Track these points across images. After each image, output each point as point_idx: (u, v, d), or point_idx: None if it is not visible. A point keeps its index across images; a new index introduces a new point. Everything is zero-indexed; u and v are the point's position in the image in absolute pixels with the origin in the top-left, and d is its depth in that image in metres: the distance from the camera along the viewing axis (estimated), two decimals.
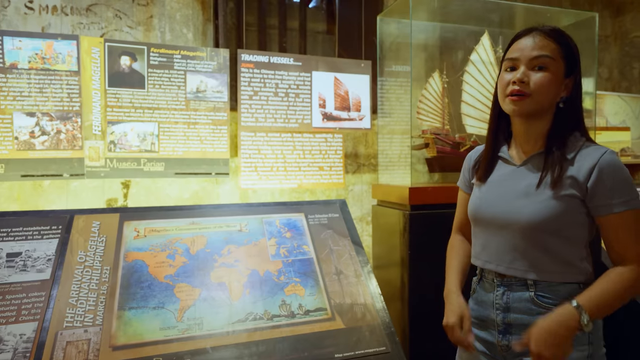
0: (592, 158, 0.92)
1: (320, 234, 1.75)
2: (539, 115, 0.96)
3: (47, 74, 1.92)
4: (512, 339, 0.97)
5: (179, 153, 2.12)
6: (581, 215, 0.94)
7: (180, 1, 2.48)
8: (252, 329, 1.38)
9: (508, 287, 0.98)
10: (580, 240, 0.96)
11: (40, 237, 1.46)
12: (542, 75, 0.93)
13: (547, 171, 0.94)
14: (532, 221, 0.93)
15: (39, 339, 1.22)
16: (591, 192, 0.92)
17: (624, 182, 0.91)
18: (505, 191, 1.00)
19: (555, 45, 0.94)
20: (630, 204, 0.91)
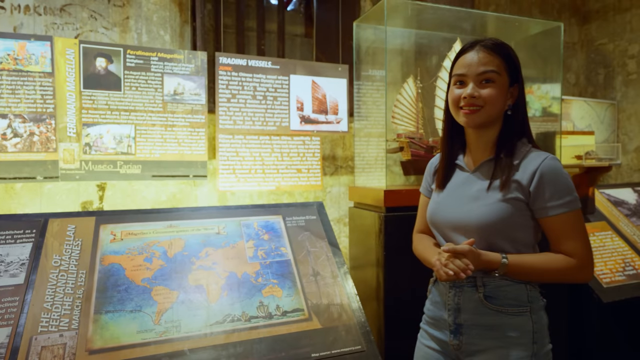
0: (535, 163, 0.98)
1: (298, 235, 1.78)
2: (489, 124, 1.03)
3: (19, 75, 1.88)
4: (463, 339, 1.01)
5: (156, 155, 2.12)
6: (526, 218, 1.00)
7: (157, 3, 2.47)
8: (230, 331, 1.40)
9: (459, 289, 1.03)
10: (526, 242, 1.02)
11: (14, 241, 1.44)
12: (490, 89, 0.99)
13: (495, 176, 1.01)
14: (480, 222, 0.99)
15: (12, 344, 1.21)
16: (533, 195, 0.98)
17: (562, 186, 0.97)
18: (458, 196, 1.06)
19: (499, 59, 1.01)
20: (568, 206, 0.97)
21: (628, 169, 3.44)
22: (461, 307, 1.02)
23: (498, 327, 0.98)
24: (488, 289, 1.00)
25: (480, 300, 0.99)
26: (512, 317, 0.98)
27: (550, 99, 2.44)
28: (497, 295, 0.99)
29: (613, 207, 2.54)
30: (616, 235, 2.32)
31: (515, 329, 0.97)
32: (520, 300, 0.99)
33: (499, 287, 0.99)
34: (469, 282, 1.02)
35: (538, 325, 0.99)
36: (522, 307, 0.99)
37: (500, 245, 1.00)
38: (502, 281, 1.00)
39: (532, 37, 2.31)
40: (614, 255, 2.20)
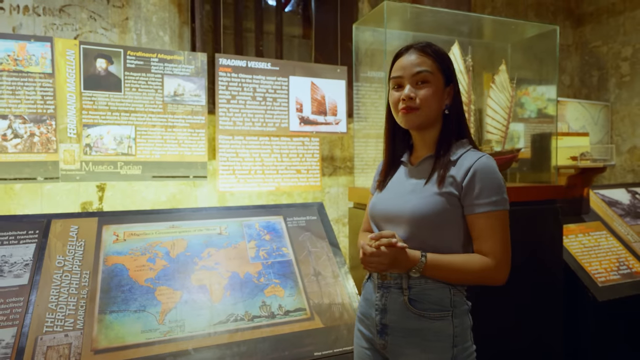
0: (470, 161, 1.01)
1: (299, 236, 1.80)
2: (429, 124, 1.05)
3: (19, 76, 1.88)
4: (388, 339, 1.02)
5: (157, 156, 2.12)
6: (458, 214, 1.01)
7: (156, 3, 2.47)
8: (234, 330, 1.42)
9: (387, 290, 1.03)
10: (456, 238, 1.02)
11: (17, 242, 1.44)
12: (425, 90, 1.02)
13: (433, 171, 1.03)
14: (413, 214, 1.00)
15: (18, 345, 1.21)
16: (464, 191, 0.99)
17: (492, 184, 0.98)
18: (397, 189, 1.09)
19: (432, 60, 1.03)
20: (494, 205, 0.98)
21: (621, 170, 3.49)
22: (387, 308, 1.03)
23: (419, 332, 0.99)
24: (413, 292, 1.00)
25: (404, 304, 1.00)
26: (434, 321, 0.99)
27: (545, 100, 2.48)
28: (420, 299, 1.00)
29: (607, 208, 2.59)
30: (610, 235, 2.36)
31: (436, 333, 0.99)
32: (442, 304, 1.00)
33: (423, 290, 1.00)
34: (395, 283, 1.02)
35: (459, 329, 1.00)
36: (444, 312, 0.99)
37: (430, 240, 1.01)
38: (427, 285, 1.00)
39: (528, 39, 2.34)
40: (609, 254, 2.24)
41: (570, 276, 2.07)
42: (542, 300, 1.86)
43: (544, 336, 1.87)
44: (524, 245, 1.83)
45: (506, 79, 2.14)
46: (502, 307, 1.73)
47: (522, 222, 1.83)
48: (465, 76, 2.07)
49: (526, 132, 2.54)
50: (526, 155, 2.38)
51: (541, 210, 1.93)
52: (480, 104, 2.33)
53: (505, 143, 2.19)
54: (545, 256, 1.89)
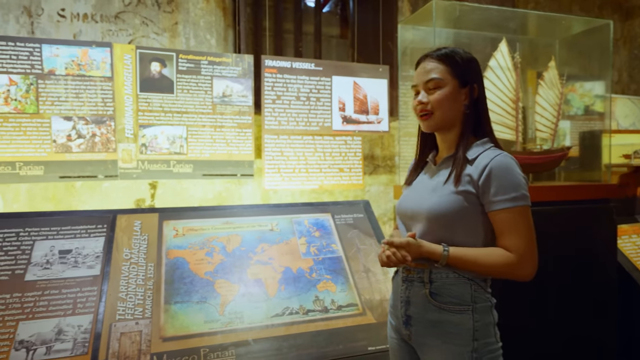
0: (487, 159, 1.03)
1: (347, 233, 1.83)
2: (448, 125, 1.10)
3: (82, 80, 2.00)
4: (412, 330, 1.07)
5: (206, 155, 2.20)
6: (477, 212, 1.04)
7: (203, 8, 2.56)
8: (289, 323, 1.47)
9: (410, 283, 1.08)
10: (477, 236, 1.05)
11: (88, 235, 1.54)
12: (437, 94, 1.07)
13: (452, 171, 1.06)
14: (431, 212, 1.04)
15: (95, 330, 1.30)
16: (482, 189, 1.02)
17: (510, 181, 1.00)
18: (420, 188, 1.14)
19: (443, 65, 1.08)
20: (513, 201, 0.99)
21: None
22: (410, 300, 1.08)
23: (440, 324, 1.03)
24: (434, 286, 1.04)
25: (425, 296, 1.04)
26: (454, 314, 1.02)
27: (593, 97, 2.41)
28: (441, 292, 1.03)
29: None
30: None
31: (456, 325, 1.01)
32: (463, 299, 1.02)
33: (444, 285, 1.04)
34: (418, 277, 1.07)
35: (480, 324, 1.02)
36: (464, 306, 1.02)
37: (450, 237, 1.04)
38: (448, 279, 1.04)
39: (577, 35, 2.29)
40: None
41: (625, 277, 2.01)
42: (596, 300, 1.82)
43: (598, 336, 1.83)
44: (577, 245, 1.80)
45: (555, 75, 2.10)
46: (555, 306, 1.71)
47: (575, 221, 1.80)
48: (513, 73, 2.05)
49: (572, 129, 2.48)
50: (573, 153, 2.33)
51: (594, 209, 1.89)
52: (526, 101, 2.29)
53: (554, 141, 2.16)
54: (599, 256, 1.85)
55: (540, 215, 1.80)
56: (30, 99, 1.92)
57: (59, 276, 1.41)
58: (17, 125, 1.90)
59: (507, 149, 2.08)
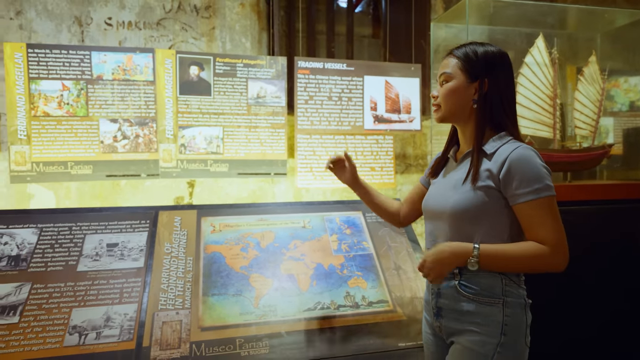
0: (506, 152, 1.02)
1: (378, 231, 1.85)
2: (460, 118, 1.12)
3: (127, 84, 2.12)
4: (443, 321, 1.09)
5: (241, 155, 2.28)
6: (500, 205, 1.03)
7: (239, 13, 2.65)
8: (321, 317, 1.51)
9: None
10: (503, 230, 1.04)
11: (132, 230, 1.65)
12: (444, 87, 1.11)
13: (471, 167, 1.07)
14: (454, 210, 1.05)
15: (139, 319, 1.39)
16: (503, 183, 1.01)
17: (531, 173, 0.98)
18: (442, 185, 1.15)
19: (454, 59, 1.10)
20: (537, 193, 0.98)
21: None
22: (441, 292, 1.09)
23: (470, 314, 1.03)
24: (464, 278, 1.05)
25: (455, 287, 1.05)
26: (483, 306, 1.02)
27: (638, 92, 2.31)
28: (471, 283, 1.04)
29: None
30: None
31: (485, 317, 1.01)
32: (493, 291, 1.02)
33: (474, 276, 1.04)
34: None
35: (510, 319, 1.01)
36: (494, 299, 1.02)
37: (476, 233, 1.04)
38: (478, 271, 1.03)
39: (620, 28, 2.20)
40: None
41: None
42: (635, 301, 1.75)
43: (634, 340, 1.76)
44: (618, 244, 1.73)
45: (596, 70, 2.03)
46: (592, 307, 1.66)
47: (616, 221, 1.74)
48: (551, 69, 2.00)
49: (616, 126, 2.38)
50: (616, 151, 2.24)
51: (637, 209, 1.81)
52: (565, 98, 2.23)
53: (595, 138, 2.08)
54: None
55: (579, 215, 1.75)
56: (80, 103, 2.06)
57: (107, 267, 1.52)
58: (69, 127, 2.04)
59: (544, 147, 2.04)
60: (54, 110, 2.03)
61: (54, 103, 2.03)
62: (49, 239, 1.61)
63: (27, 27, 2.31)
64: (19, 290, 1.44)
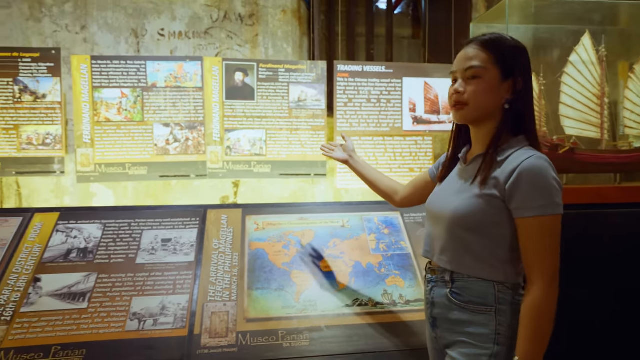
0: (517, 161, 0.94)
1: (416, 231, 1.88)
2: (484, 119, 1.01)
3: (178, 91, 2.27)
4: (438, 332, 1.05)
5: (283, 156, 2.38)
6: (502, 216, 0.96)
7: (281, 19, 2.75)
8: (359, 314, 1.56)
9: (435, 284, 1.06)
10: (502, 241, 0.97)
11: (184, 226, 1.78)
12: (474, 85, 0.98)
13: (479, 172, 0.99)
14: (454, 215, 0.99)
15: (191, 309, 1.52)
16: (509, 194, 0.94)
17: (540, 187, 0.91)
18: (447, 188, 1.08)
19: (486, 53, 0.98)
20: (543, 210, 0.91)
21: None
22: (435, 302, 1.05)
23: (462, 323, 0.99)
24: (455, 286, 1.01)
25: (447, 296, 1.02)
26: (476, 314, 0.97)
27: None
28: (463, 292, 1.00)
29: None
30: None
31: (477, 326, 0.97)
32: (485, 299, 0.97)
33: (466, 284, 1.00)
34: (441, 277, 1.04)
35: (504, 328, 0.96)
36: (487, 307, 0.97)
37: (473, 243, 0.98)
38: (470, 280, 0.99)
39: None
40: None
41: None
42: None
43: None
44: None
45: None
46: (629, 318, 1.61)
47: None
48: (598, 67, 1.94)
49: None
50: None
51: None
52: (616, 96, 2.14)
53: None
54: None
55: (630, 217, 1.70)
56: (137, 109, 2.23)
57: (162, 261, 1.66)
58: (127, 131, 2.22)
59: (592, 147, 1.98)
60: (114, 116, 2.21)
61: (114, 109, 2.22)
62: (112, 233, 1.77)
63: (91, 40, 2.53)
64: (87, 279, 1.60)
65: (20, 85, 2.17)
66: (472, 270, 0.99)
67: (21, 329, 1.44)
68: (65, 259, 1.67)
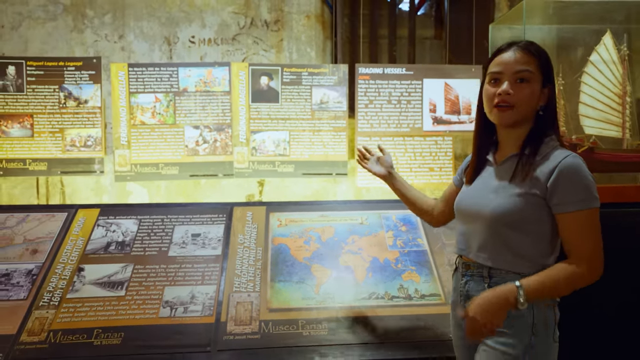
0: (555, 160, 1.01)
1: (433, 229, 1.94)
2: (520, 123, 1.06)
3: (207, 95, 2.41)
4: None
5: (306, 156, 2.47)
6: (542, 213, 1.02)
7: (305, 24, 2.85)
8: (375, 306, 1.64)
9: (470, 278, 1.10)
10: (542, 237, 1.03)
11: (212, 222, 1.91)
12: (524, 89, 1.03)
13: (517, 171, 1.05)
14: (494, 213, 1.04)
15: (217, 298, 1.64)
16: (550, 191, 1.00)
17: (580, 183, 0.98)
18: (482, 187, 1.12)
19: (534, 59, 1.04)
20: (584, 204, 0.98)
21: None
22: (470, 295, 1.09)
23: None
24: (493, 281, 1.06)
25: (485, 291, 1.04)
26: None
27: None
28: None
29: None
30: None
31: (515, 319, 1.01)
32: None
33: (503, 280, 1.04)
34: (478, 272, 1.08)
35: (538, 319, 1.01)
36: None
37: (514, 238, 1.03)
38: (507, 275, 1.04)
39: None
40: None
41: None
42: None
43: None
44: None
45: None
46: None
47: None
48: (619, 66, 1.93)
49: None
50: None
51: None
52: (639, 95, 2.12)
53: None
54: None
55: None
56: (169, 113, 2.38)
57: (191, 254, 1.79)
58: (160, 133, 2.37)
59: (614, 147, 1.97)
60: (148, 119, 2.37)
61: (148, 113, 2.38)
62: (146, 228, 1.92)
63: (127, 48, 2.71)
64: (124, 269, 1.75)
65: (65, 92, 2.36)
66: (511, 266, 1.05)
67: (67, 312, 1.60)
68: (105, 251, 1.83)
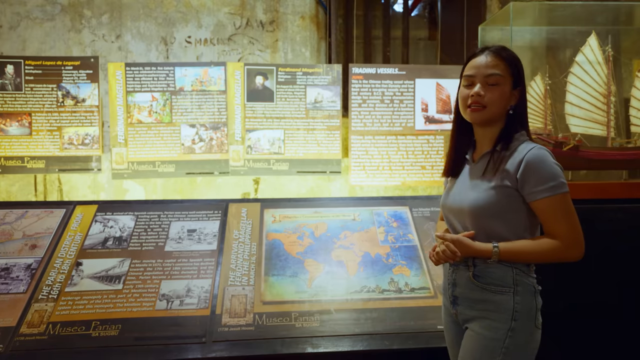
0: (522, 153, 1.10)
1: (423, 225, 1.99)
2: (492, 122, 1.16)
3: (203, 94, 2.45)
4: (458, 309, 1.18)
5: (300, 155, 2.52)
6: (517, 203, 1.12)
7: (300, 25, 2.90)
8: (366, 299, 1.69)
9: (456, 267, 1.19)
10: (519, 225, 1.13)
11: (207, 218, 1.95)
12: (495, 90, 1.12)
13: (489, 167, 1.15)
14: (472, 207, 1.14)
15: (213, 292, 1.68)
16: (520, 182, 1.10)
17: (546, 172, 1.07)
18: (461, 185, 1.22)
19: (504, 64, 1.13)
20: (553, 190, 1.07)
21: None
22: (456, 282, 1.18)
23: (482, 302, 1.12)
24: (477, 269, 1.14)
25: (469, 278, 1.14)
26: (495, 294, 1.10)
27: None
28: (483, 274, 1.13)
29: None
30: None
31: (497, 304, 1.09)
32: (504, 281, 1.10)
33: (486, 268, 1.13)
34: (463, 262, 1.16)
35: (520, 306, 1.09)
36: (505, 288, 1.10)
37: (494, 228, 1.12)
38: (491, 264, 1.12)
39: None
40: None
41: None
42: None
43: None
44: None
45: None
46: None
47: None
48: (604, 67, 1.99)
49: None
50: None
51: None
52: (628, 94, 2.18)
53: None
54: None
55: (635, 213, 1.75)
56: (166, 111, 2.42)
57: (187, 249, 1.83)
58: (157, 132, 2.41)
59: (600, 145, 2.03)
60: (145, 118, 2.41)
61: (145, 112, 2.42)
62: (143, 224, 1.96)
63: (125, 48, 2.75)
64: (122, 264, 1.80)
65: (63, 91, 2.40)
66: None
67: (66, 305, 1.64)
68: (103, 246, 1.87)
